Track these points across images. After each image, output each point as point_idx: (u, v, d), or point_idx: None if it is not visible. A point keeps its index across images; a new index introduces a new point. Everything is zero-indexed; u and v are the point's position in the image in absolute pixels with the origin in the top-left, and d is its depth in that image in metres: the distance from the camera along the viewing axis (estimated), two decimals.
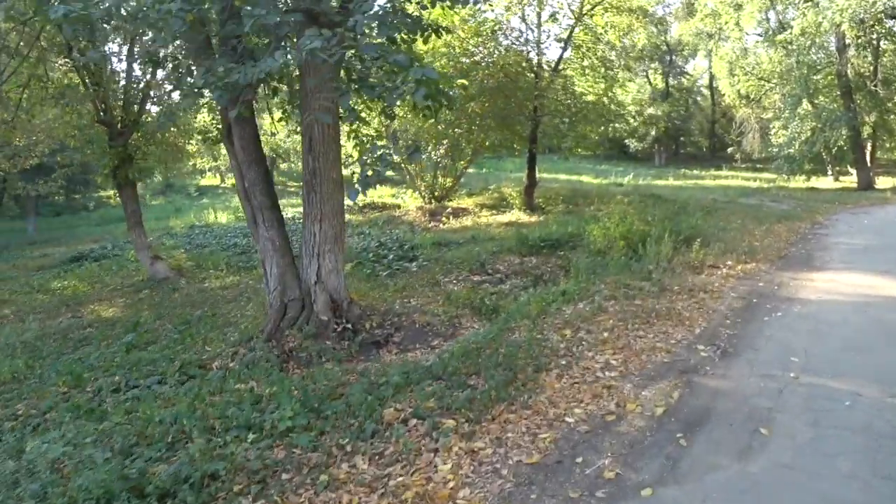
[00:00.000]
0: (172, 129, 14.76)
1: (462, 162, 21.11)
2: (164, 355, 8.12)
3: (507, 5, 18.55)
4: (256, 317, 9.50)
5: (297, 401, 5.25)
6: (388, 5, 6.05)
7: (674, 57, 43.53)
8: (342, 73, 7.13)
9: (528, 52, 18.88)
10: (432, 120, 9.82)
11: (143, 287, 13.29)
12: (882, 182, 27.96)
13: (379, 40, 5.92)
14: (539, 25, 19.33)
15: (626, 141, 40.46)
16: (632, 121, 20.05)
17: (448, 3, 7.27)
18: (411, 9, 7.11)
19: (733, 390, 5.34)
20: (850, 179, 28.03)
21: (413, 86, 5.18)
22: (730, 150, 39.40)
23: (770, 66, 30.03)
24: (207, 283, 13.13)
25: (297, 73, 7.98)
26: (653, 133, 39.72)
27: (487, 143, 19.31)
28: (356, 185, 5.52)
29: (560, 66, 19.37)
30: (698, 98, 47.33)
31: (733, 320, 7.28)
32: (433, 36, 7.94)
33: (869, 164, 27.82)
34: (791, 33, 25.83)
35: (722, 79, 34.59)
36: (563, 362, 6.04)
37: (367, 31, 5.74)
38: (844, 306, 7.77)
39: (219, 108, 8.76)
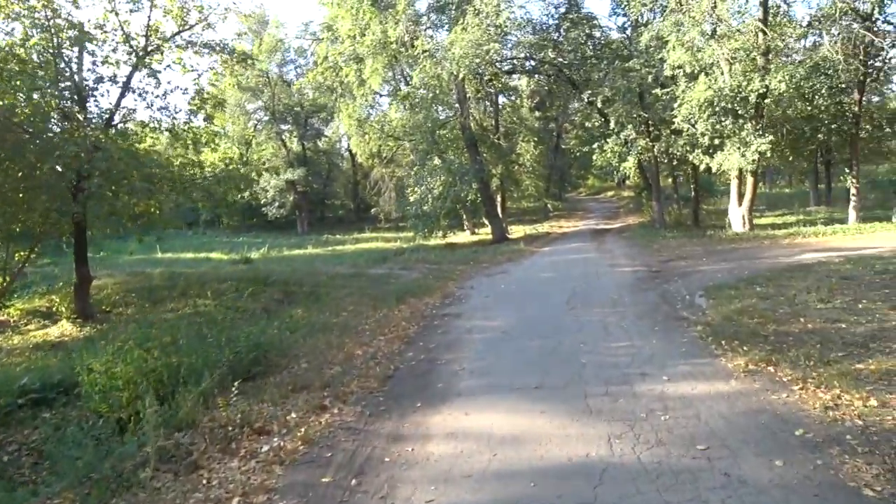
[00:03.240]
0: None
1: (20, 253, 13.67)
2: None
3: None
4: None
5: None
6: None
7: (310, 119, 40.58)
8: None
9: (64, 101, 12.79)
10: None
11: None
12: (515, 231, 28.09)
13: None
14: (80, 65, 13.32)
15: (265, 209, 35.89)
16: (218, 187, 14.75)
17: None
18: None
19: None
20: (486, 231, 27.47)
21: None
22: (373, 210, 37.52)
23: (399, 123, 28.50)
24: None
25: None
26: (291, 198, 35.79)
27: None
28: None
29: (116, 120, 13.61)
30: (341, 162, 45.31)
31: None
32: None
33: (501, 215, 27.71)
34: (413, 86, 24.38)
35: (353, 136, 32.17)
36: None
37: None
38: None
39: None
